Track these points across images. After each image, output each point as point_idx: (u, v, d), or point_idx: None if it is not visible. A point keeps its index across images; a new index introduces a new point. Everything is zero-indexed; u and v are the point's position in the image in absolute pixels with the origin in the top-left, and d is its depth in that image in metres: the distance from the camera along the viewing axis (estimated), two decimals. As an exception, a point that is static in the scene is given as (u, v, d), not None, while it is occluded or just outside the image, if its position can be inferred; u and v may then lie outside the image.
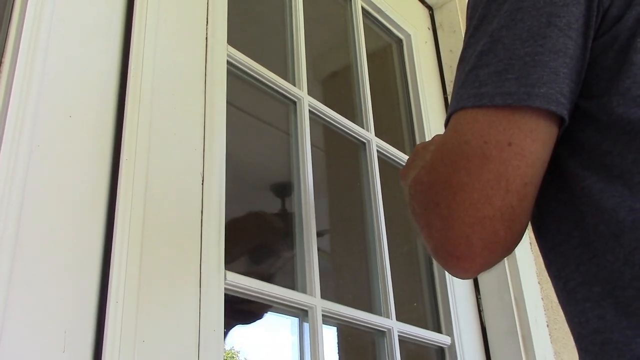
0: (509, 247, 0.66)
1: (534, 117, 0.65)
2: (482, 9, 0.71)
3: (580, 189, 0.66)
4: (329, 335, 1.24)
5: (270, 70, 1.28)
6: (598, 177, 0.64)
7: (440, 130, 1.76)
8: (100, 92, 0.90)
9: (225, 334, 1.13)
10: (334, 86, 1.72)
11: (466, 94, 0.68)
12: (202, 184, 0.99)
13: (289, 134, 1.33)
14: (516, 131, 0.64)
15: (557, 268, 0.69)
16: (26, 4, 0.85)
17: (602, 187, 0.63)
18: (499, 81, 0.66)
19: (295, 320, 1.18)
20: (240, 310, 1.19)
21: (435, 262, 1.57)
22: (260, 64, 1.26)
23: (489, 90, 0.66)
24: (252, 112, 1.41)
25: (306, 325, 1.15)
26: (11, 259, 0.73)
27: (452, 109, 0.70)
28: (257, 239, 1.34)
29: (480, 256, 0.65)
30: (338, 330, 1.38)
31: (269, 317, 1.23)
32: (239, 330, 1.22)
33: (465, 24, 1.99)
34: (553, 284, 0.72)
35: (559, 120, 0.66)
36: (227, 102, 1.10)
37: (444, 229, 0.65)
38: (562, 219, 0.68)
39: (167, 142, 0.96)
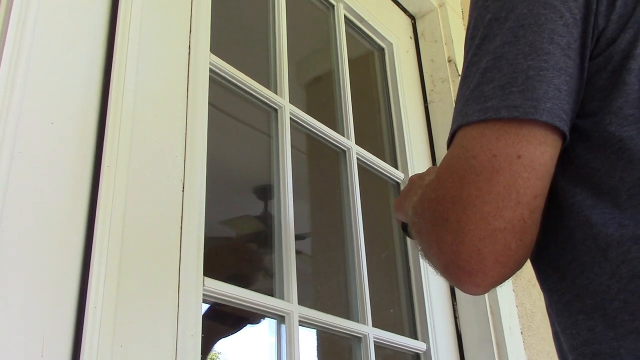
0: (520, 260, 0.66)
1: (542, 131, 0.65)
2: (484, 29, 0.72)
3: (569, 204, 0.67)
4: (307, 339, 1.25)
5: (252, 78, 1.29)
6: (588, 193, 0.65)
7: (420, 138, 1.78)
8: (82, 98, 0.91)
9: (209, 344, 1.15)
10: (316, 93, 1.74)
11: (471, 110, 0.68)
12: (183, 191, 1.00)
13: (270, 142, 1.34)
14: (525, 144, 0.65)
15: (553, 281, 0.70)
16: (10, 9, 0.85)
17: (593, 204, 0.65)
18: (504, 95, 0.66)
19: (274, 322, 1.20)
20: (221, 323, 1.20)
21: (418, 273, 1.59)
22: (243, 72, 1.27)
23: (494, 103, 0.66)
24: (234, 120, 1.42)
25: (284, 328, 1.17)
26: (-9, 264, 0.74)
27: (457, 125, 0.70)
28: (236, 264, 1.34)
29: (492, 270, 0.65)
30: (315, 335, 1.39)
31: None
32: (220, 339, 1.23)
33: (445, 34, 2.00)
34: (546, 297, 0.73)
35: (562, 137, 0.67)
36: (209, 110, 1.12)
37: (455, 243, 0.65)
38: (556, 234, 0.69)
39: (149, 150, 0.97)
